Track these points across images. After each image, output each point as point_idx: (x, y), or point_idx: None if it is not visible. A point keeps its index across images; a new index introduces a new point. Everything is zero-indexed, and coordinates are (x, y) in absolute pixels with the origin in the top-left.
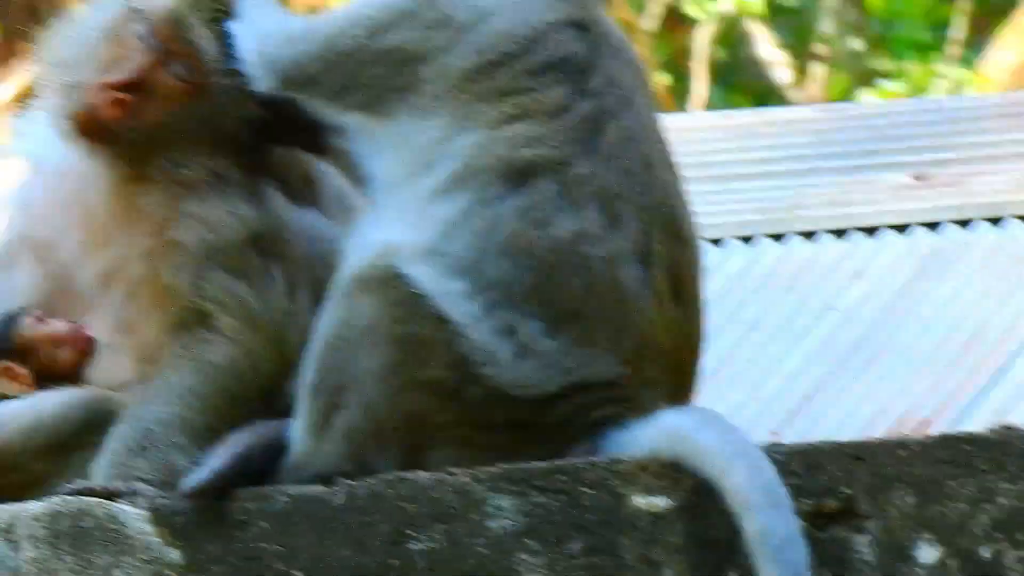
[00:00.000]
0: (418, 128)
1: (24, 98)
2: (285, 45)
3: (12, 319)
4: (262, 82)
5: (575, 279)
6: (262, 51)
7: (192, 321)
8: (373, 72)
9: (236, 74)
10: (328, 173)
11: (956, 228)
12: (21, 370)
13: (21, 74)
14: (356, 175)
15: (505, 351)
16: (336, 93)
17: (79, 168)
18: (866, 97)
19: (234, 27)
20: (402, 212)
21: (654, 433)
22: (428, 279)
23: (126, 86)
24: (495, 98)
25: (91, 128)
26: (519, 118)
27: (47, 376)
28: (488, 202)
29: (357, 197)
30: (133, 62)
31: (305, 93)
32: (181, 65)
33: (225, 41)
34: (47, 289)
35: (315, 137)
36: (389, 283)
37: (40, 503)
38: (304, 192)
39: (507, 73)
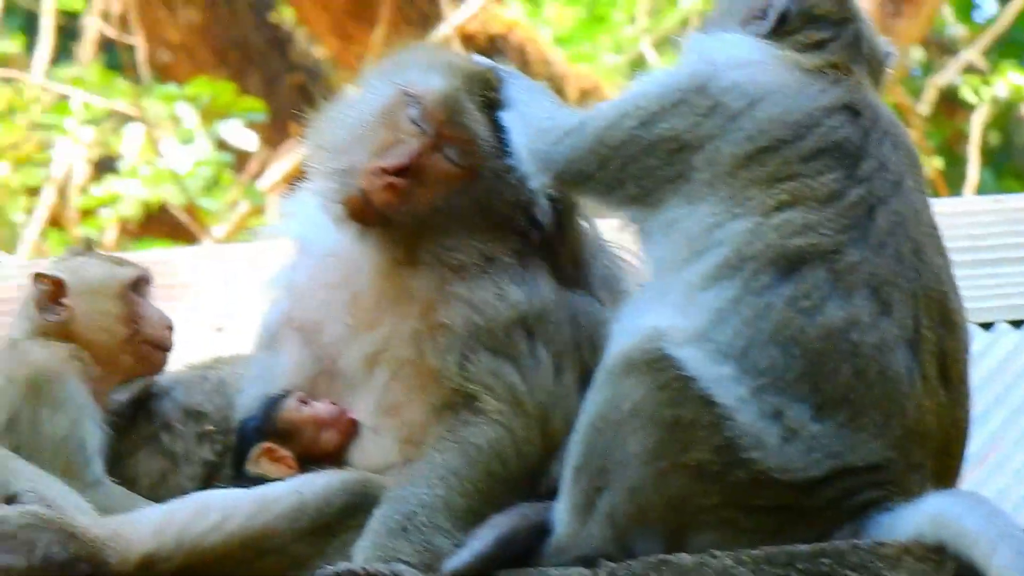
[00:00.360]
0: (688, 215)
1: (292, 180)
2: (557, 141)
3: (276, 401)
4: (536, 179)
5: (844, 365)
6: (534, 147)
7: (457, 403)
8: (645, 163)
9: (507, 158)
10: (597, 256)
11: None
12: (284, 452)
13: (291, 156)
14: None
15: (772, 435)
16: (609, 188)
17: (348, 251)
18: None
19: (505, 117)
20: (671, 297)
21: (918, 517)
22: (696, 363)
23: (399, 170)
24: (767, 184)
25: (363, 212)
26: (791, 204)
27: (310, 458)
28: (758, 290)
29: (625, 281)
30: (407, 147)
31: (578, 190)
32: (454, 149)
33: (496, 125)
34: (311, 370)
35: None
36: (657, 365)
37: None
38: (573, 275)
39: (779, 159)
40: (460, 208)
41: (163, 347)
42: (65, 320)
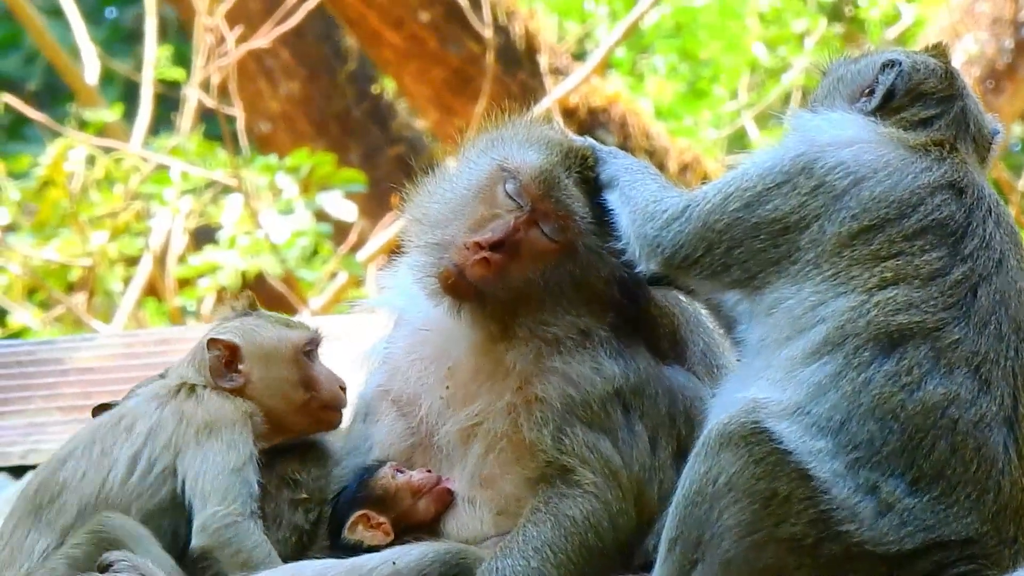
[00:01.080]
0: (792, 295)
1: (391, 252)
2: (664, 227)
3: (372, 470)
4: (643, 266)
5: (942, 441)
6: (641, 232)
7: (553, 475)
8: (750, 246)
9: (603, 234)
10: (695, 332)
11: None
12: (380, 518)
13: (390, 227)
14: (728, 328)
15: (866, 509)
16: (715, 272)
17: (443, 325)
18: None
19: (609, 198)
20: (770, 372)
21: None
22: (792, 437)
23: (494, 245)
24: (871, 262)
25: (456, 287)
26: (894, 282)
27: (405, 526)
28: (859, 366)
29: (723, 356)
30: (503, 222)
31: (685, 275)
32: (550, 225)
33: (592, 200)
34: (407, 442)
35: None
36: (753, 439)
37: None
38: (670, 349)
39: (883, 237)
40: (555, 283)
41: (338, 407)
42: (241, 385)
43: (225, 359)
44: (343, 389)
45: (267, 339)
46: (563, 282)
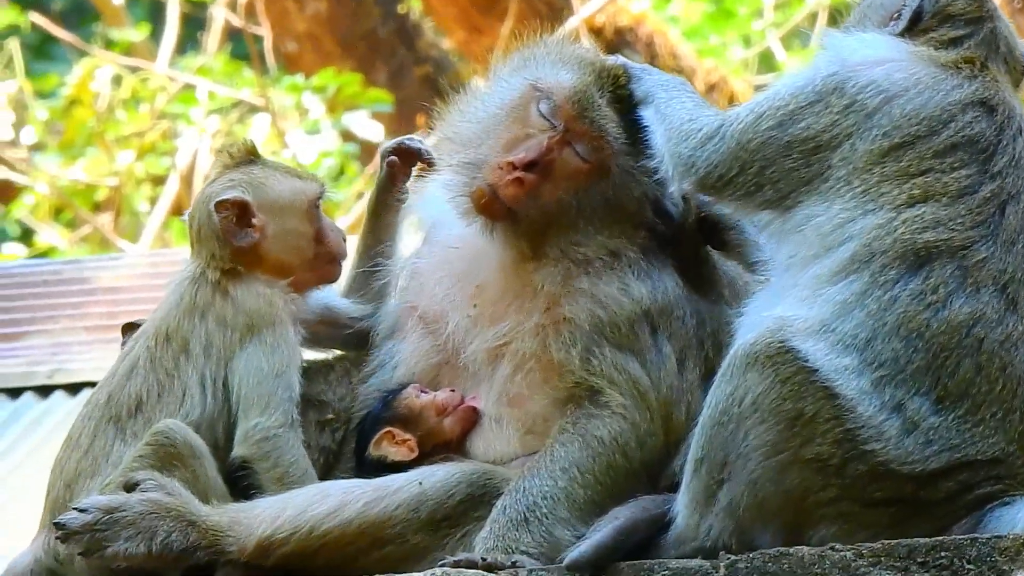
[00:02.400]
0: (821, 212)
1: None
2: (699, 146)
3: (396, 391)
4: (676, 185)
5: (967, 360)
6: (676, 151)
7: (581, 396)
8: (783, 165)
9: (636, 153)
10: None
11: None
12: (405, 435)
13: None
14: (750, 264)
15: (892, 427)
16: (748, 193)
17: (473, 243)
18: None
19: (644, 115)
20: (796, 291)
21: None
22: (818, 354)
23: (528, 165)
24: (900, 179)
25: (489, 206)
26: (922, 199)
27: (431, 445)
28: (885, 284)
29: (748, 279)
30: (536, 142)
31: (719, 194)
32: (583, 145)
33: (626, 120)
34: (433, 360)
35: (712, 232)
36: (779, 359)
37: None
38: (698, 273)
39: (913, 154)
40: (587, 203)
41: (341, 259)
42: (257, 241)
43: (235, 217)
44: (345, 240)
45: (280, 192)
46: (595, 202)
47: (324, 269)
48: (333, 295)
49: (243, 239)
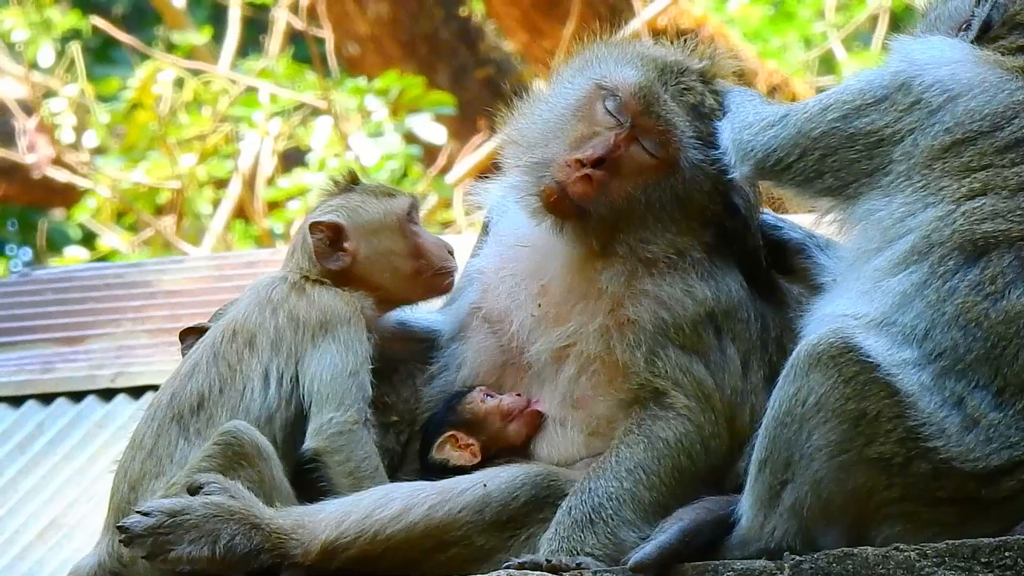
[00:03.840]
0: (883, 206)
1: (481, 173)
2: (760, 132)
3: (461, 394)
4: (737, 170)
5: None
6: (738, 139)
7: (645, 398)
8: (844, 156)
9: (706, 148)
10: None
11: None
12: (468, 439)
13: (479, 149)
14: (816, 287)
15: (953, 423)
16: (808, 179)
17: (539, 242)
18: None
19: (718, 124)
20: (857, 284)
21: None
22: (879, 349)
23: (596, 162)
24: (961, 174)
25: (559, 204)
26: (982, 192)
27: (495, 449)
28: (944, 275)
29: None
30: (603, 139)
31: (778, 179)
32: (651, 141)
33: (693, 116)
34: (498, 361)
35: (777, 256)
36: (842, 358)
37: None
38: (766, 272)
39: (975, 150)
40: (656, 199)
41: (449, 272)
42: (348, 265)
43: (329, 239)
44: (451, 252)
45: (371, 213)
46: (664, 198)
47: (431, 282)
48: (408, 311)
49: (334, 262)
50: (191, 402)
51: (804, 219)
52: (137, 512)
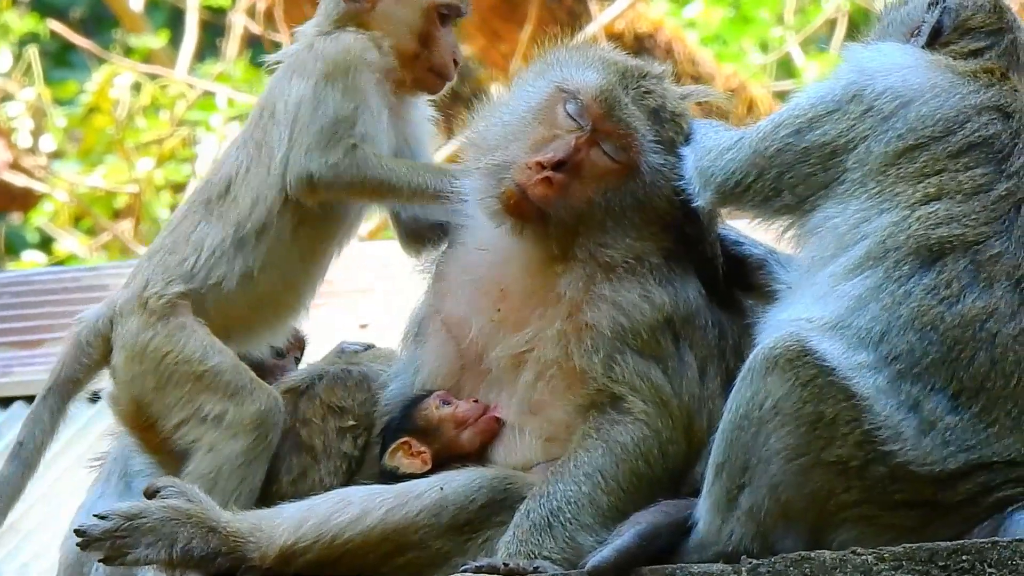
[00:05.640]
0: (838, 214)
1: None
2: (718, 157)
3: (417, 400)
4: (700, 197)
5: (981, 354)
6: (698, 166)
7: (603, 403)
8: (800, 170)
9: (665, 154)
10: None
11: None
12: (420, 447)
13: (438, 152)
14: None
15: (909, 427)
16: (766, 198)
17: (499, 246)
18: None
19: (683, 152)
20: (813, 291)
21: None
22: (835, 352)
23: (556, 165)
24: (915, 179)
25: (519, 207)
26: (936, 197)
27: (450, 455)
28: (899, 279)
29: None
30: (564, 142)
31: (738, 203)
32: (611, 144)
33: (652, 120)
34: (455, 365)
35: (738, 273)
36: (799, 361)
37: None
38: (721, 278)
39: (928, 155)
40: (616, 204)
41: (443, 76)
42: (366, 10)
43: None
44: (456, 64)
45: None
46: (624, 202)
47: (423, 75)
48: (428, 151)
49: (355, 3)
50: (220, 186)
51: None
52: (95, 516)
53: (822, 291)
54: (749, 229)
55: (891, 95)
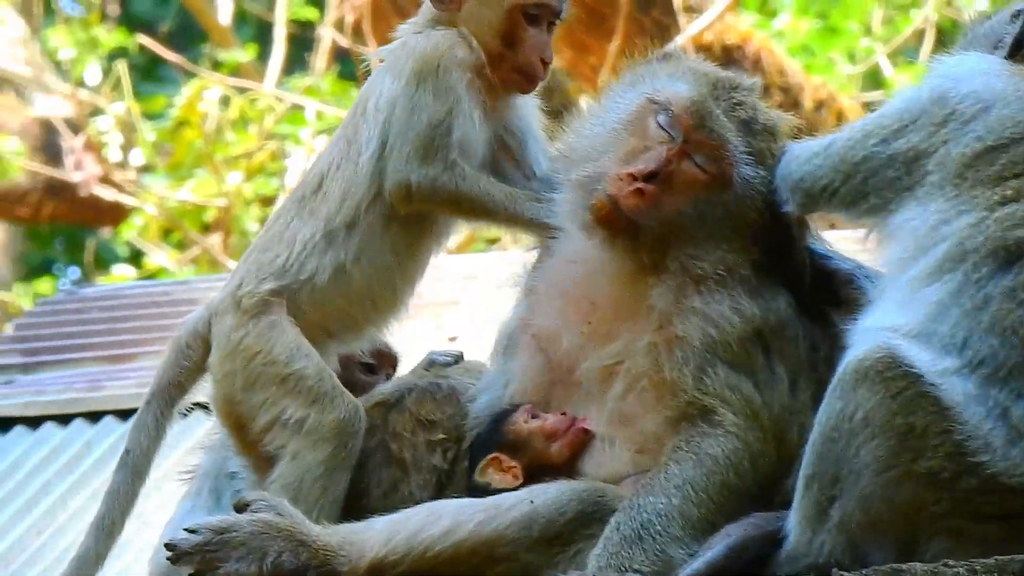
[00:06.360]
0: (916, 216)
1: None
2: (807, 162)
3: (506, 414)
4: (789, 202)
5: None
6: (786, 172)
7: (694, 415)
8: (885, 175)
9: (756, 165)
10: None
11: None
12: (510, 462)
13: None
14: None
15: (998, 436)
16: (852, 201)
17: (590, 258)
18: None
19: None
20: (896, 296)
21: None
22: (922, 359)
23: (648, 176)
24: (993, 182)
25: (611, 218)
26: (1015, 200)
27: (540, 468)
28: (977, 281)
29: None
30: (655, 153)
31: (825, 205)
32: (703, 155)
33: (746, 131)
34: (545, 378)
35: (826, 287)
36: (887, 372)
37: None
38: (810, 290)
39: (1007, 158)
40: (708, 215)
41: (529, 76)
42: (452, 10)
43: None
44: (544, 64)
45: None
46: (715, 214)
47: (509, 75)
48: (538, 139)
49: (440, 4)
50: (313, 182)
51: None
52: (184, 530)
53: (904, 296)
54: (836, 244)
55: (973, 99)
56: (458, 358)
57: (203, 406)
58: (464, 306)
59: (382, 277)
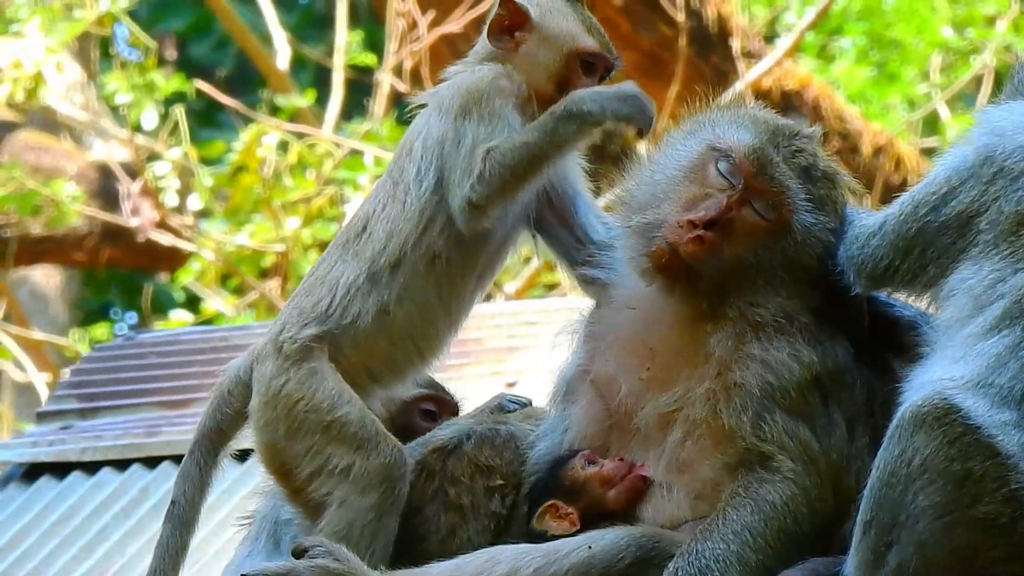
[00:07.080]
0: (972, 275)
1: None
2: (864, 244)
3: (563, 460)
4: (857, 285)
5: None
6: (848, 255)
7: (752, 461)
8: (940, 243)
9: (816, 212)
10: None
11: None
12: (568, 509)
13: None
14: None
15: None
16: (914, 276)
17: (648, 305)
18: None
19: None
20: (952, 352)
21: None
22: (980, 411)
23: (708, 223)
24: None
25: (670, 265)
26: None
27: (596, 514)
28: None
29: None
30: (715, 200)
31: (889, 284)
32: (763, 203)
33: (806, 178)
34: (604, 424)
35: (888, 334)
36: (946, 419)
37: None
38: (868, 338)
39: None
40: (768, 262)
41: None
42: (510, 49)
43: (508, 21)
44: None
45: (558, 25)
46: (775, 261)
47: None
48: (587, 201)
49: (498, 43)
50: (357, 225)
51: None
52: (241, 575)
53: (961, 352)
54: None
55: (1021, 154)
56: (526, 404)
57: (231, 454)
58: (523, 351)
59: (424, 317)
